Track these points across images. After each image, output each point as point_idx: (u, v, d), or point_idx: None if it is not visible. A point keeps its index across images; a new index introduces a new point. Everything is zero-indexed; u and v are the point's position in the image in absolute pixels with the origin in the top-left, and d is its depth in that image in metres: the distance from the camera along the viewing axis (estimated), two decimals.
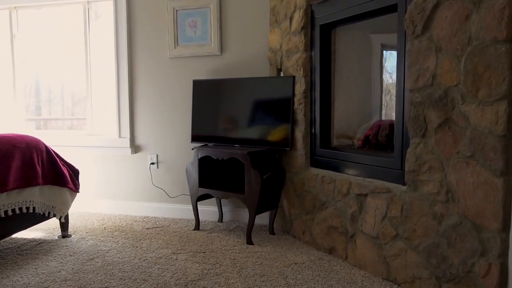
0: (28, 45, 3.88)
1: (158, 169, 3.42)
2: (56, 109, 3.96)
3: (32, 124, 3.98)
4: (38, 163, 2.67)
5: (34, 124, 3.98)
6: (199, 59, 3.24)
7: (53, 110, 3.97)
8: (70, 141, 3.59)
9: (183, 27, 3.22)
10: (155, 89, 3.37)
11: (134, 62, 3.40)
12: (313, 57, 2.65)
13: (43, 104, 3.97)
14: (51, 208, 2.76)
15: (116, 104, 3.45)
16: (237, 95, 2.95)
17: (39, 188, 2.66)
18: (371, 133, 2.48)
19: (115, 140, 3.47)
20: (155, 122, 3.39)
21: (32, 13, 3.85)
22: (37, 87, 3.96)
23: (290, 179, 2.83)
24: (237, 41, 3.16)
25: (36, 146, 2.69)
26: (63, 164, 2.89)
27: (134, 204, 3.49)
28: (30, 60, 3.89)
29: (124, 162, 3.50)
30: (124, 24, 3.36)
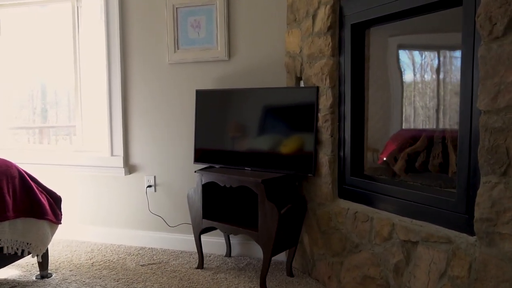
0: (12, 49, 3.43)
1: (156, 192, 2.95)
2: (47, 116, 3.50)
3: (20, 133, 3.53)
4: (8, 192, 2.21)
5: (22, 133, 3.53)
6: (203, 66, 2.76)
7: (39, 118, 3.51)
8: (55, 159, 3.13)
9: (185, 28, 2.75)
10: (152, 101, 2.90)
11: (128, 68, 2.93)
12: (342, 63, 2.16)
13: (15, 111, 3.52)
14: (25, 245, 2.29)
15: (107, 117, 2.98)
16: (248, 109, 2.46)
17: (8, 223, 2.20)
18: (410, 151, 1.98)
19: (106, 159, 3.00)
20: (153, 138, 2.92)
21: (17, 12, 3.40)
22: (23, 94, 3.51)
23: (312, 211, 2.34)
24: (248, 44, 2.68)
25: (6, 172, 2.23)
26: (41, 191, 2.42)
27: (128, 233, 3.02)
28: (15, 64, 3.45)
29: (117, 184, 3.03)
30: (116, 24, 2.89)
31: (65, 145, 3.37)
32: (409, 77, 2.11)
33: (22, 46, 3.41)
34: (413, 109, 2.09)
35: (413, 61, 2.10)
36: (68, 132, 3.44)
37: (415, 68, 2.10)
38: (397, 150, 2.08)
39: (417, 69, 2.09)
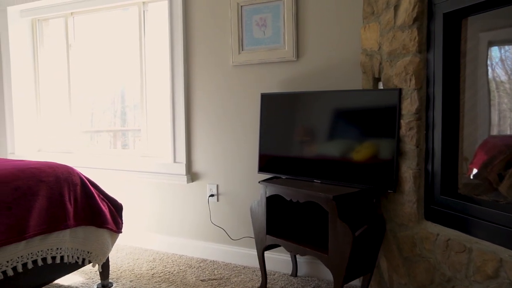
0: (83, 54, 3.50)
1: (218, 202, 2.79)
2: (107, 121, 3.52)
3: (87, 136, 3.59)
4: (69, 200, 2.16)
5: (88, 136, 3.59)
6: (269, 67, 2.55)
7: (106, 122, 3.54)
8: (122, 164, 3.11)
9: (250, 27, 2.56)
10: (215, 105, 2.75)
11: (191, 72, 2.81)
12: (430, 61, 1.82)
13: (97, 115, 3.56)
14: (85, 254, 2.24)
15: (170, 121, 2.89)
16: (318, 114, 2.20)
17: (69, 231, 2.16)
18: None
19: (169, 165, 2.91)
20: (216, 144, 2.76)
21: (87, 19, 3.46)
22: (94, 98, 3.56)
23: (392, 233, 2.02)
24: (318, 42, 2.42)
25: (67, 179, 2.19)
26: (102, 198, 2.37)
27: (190, 243, 2.89)
28: (85, 69, 3.51)
29: (180, 191, 2.92)
30: (180, 27, 2.78)
31: (132, 150, 3.35)
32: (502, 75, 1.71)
33: (93, 52, 3.46)
34: (498, 111, 1.70)
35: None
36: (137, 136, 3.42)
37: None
38: (493, 162, 1.70)
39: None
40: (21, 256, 1.92)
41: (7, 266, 1.86)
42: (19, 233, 1.90)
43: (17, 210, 1.91)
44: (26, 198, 1.96)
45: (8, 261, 1.87)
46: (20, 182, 1.96)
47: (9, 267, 1.87)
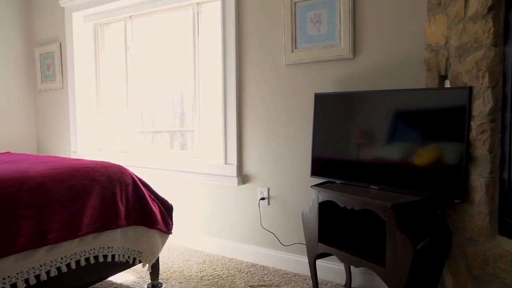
0: (141, 56, 3.58)
1: (269, 206, 2.71)
2: (166, 122, 3.57)
3: (145, 137, 3.66)
4: (121, 199, 2.19)
5: (148, 137, 3.66)
6: (324, 65, 2.43)
7: (163, 123, 3.59)
8: (176, 165, 3.13)
9: (304, 24, 2.45)
10: (267, 105, 2.67)
11: (243, 72, 2.76)
12: (508, 55, 1.60)
13: (157, 116, 3.63)
14: (136, 253, 2.25)
15: (222, 122, 2.85)
16: (378, 116, 2.04)
17: (120, 230, 2.18)
18: None
19: (220, 167, 2.87)
20: (267, 146, 2.68)
21: (144, 22, 3.53)
22: (150, 99, 3.63)
23: (459, 247, 1.81)
24: (376, 38, 2.26)
25: (120, 179, 2.21)
26: (153, 199, 2.37)
27: (241, 247, 2.83)
28: (142, 71, 3.58)
29: (230, 194, 2.88)
30: (232, 26, 2.74)
31: (186, 151, 3.37)
32: None
33: (149, 54, 3.52)
34: None
35: None
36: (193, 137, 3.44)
37: None
38: None
39: None
40: (74, 254, 1.96)
41: (61, 262, 1.91)
42: (73, 230, 1.94)
43: (71, 208, 1.95)
44: (80, 196, 2.00)
45: (62, 257, 1.91)
46: (74, 181, 2.01)
47: (63, 263, 1.91)
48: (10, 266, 1.72)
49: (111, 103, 3.84)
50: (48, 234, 1.84)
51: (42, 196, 1.86)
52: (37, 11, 4.07)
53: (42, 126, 4.17)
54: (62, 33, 3.85)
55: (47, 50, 3.97)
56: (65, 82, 3.89)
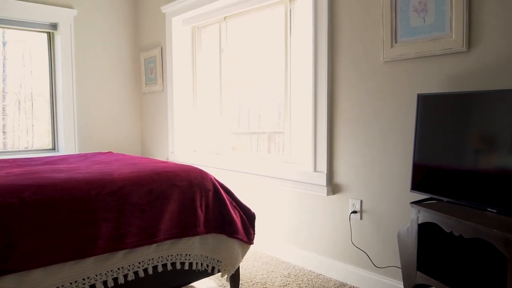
0: (234, 57, 3.53)
1: (362, 221, 2.41)
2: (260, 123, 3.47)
3: (239, 138, 3.62)
4: (200, 206, 2.12)
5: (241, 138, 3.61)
6: (429, 61, 2.06)
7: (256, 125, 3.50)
8: (262, 169, 3.00)
9: (406, 14, 2.11)
10: (362, 107, 2.38)
11: (335, 71, 2.51)
12: None
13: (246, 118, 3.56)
14: (215, 262, 2.17)
15: (312, 126, 2.64)
16: (500, 121, 1.64)
17: (199, 238, 2.11)
18: None
19: (309, 174, 2.66)
20: (362, 153, 2.39)
21: (237, 23, 3.48)
22: (243, 100, 3.57)
23: None
24: (499, 26, 1.83)
25: (200, 184, 2.14)
26: (235, 206, 2.26)
27: (328, 262, 2.59)
28: (235, 72, 3.54)
29: (319, 204, 2.65)
30: (324, 21, 2.51)
31: (275, 155, 3.22)
32: None
33: (243, 55, 3.46)
34: None
35: None
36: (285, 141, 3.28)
37: None
38: None
39: None
40: (152, 259, 1.94)
41: (139, 267, 1.89)
42: (150, 236, 1.91)
43: (150, 213, 1.93)
44: (159, 201, 1.97)
45: (139, 262, 1.90)
46: (154, 185, 1.98)
47: (140, 268, 1.90)
48: (89, 267, 1.75)
49: (206, 104, 3.88)
50: (126, 238, 1.84)
51: (122, 199, 1.86)
52: (143, 19, 4.30)
53: (146, 127, 4.40)
54: (163, 38, 4.00)
55: (151, 55, 4.17)
56: (165, 85, 4.04)
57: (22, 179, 1.80)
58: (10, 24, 3.71)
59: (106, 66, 4.22)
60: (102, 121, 4.22)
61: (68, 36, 3.94)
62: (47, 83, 4.01)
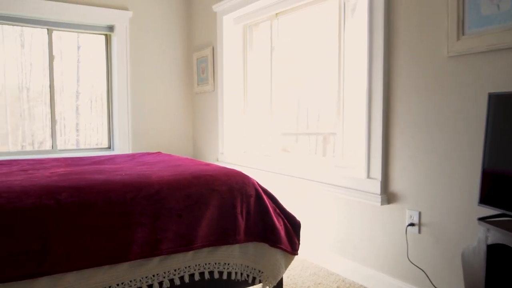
0: (285, 55, 3.39)
1: (420, 235, 2.17)
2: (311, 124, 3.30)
3: (291, 139, 3.47)
4: (241, 212, 2.00)
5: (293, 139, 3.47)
6: (504, 55, 1.78)
7: (308, 125, 3.33)
8: (311, 173, 2.82)
9: (476, 1, 1.84)
10: (422, 108, 2.13)
11: (392, 67, 2.27)
12: None
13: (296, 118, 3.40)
14: (256, 272, 2.04)
15: (365, 128, 2.42)
16: None
17: (239, 246, 1.99)
18: None
19: (361, 181, 2.45)
20: (421, 160, 2.15)
21: (289, 20, 3.33)
22: (294, 100, 3.42)
23: None
24: None
25: (241, 189, 2.02)
26: (278, 214, 2.12)
27: (380, 277, 2.36)
28: (286, 70, 3.39)
29: (371, 213, 2.43)
30: (380, 13, 2.28)
31: (326, 158, 3.03)
32: None
33: (294, 53, 3.31)
34: None
35: None
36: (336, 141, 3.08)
37: None
38: None
39: None
40: (188, 267, 1.86)
41: (174, 274, 1.82)
42: (187, 242, 1.83)
43: (187, 219, 1.85)
44: (197, 206, 1.88)
45: (175, 269, 1.82)
46: (193, 189, 1.90)
47: (176, 276, 1.82)
48: (123, 272, 1.70)
49: (257, 104, 3.77)
50: (161, 244, 1.77)
51: (159, 203, 1.79)
52: (196, 18, 4.29)
53: (198, 127, 4.40)
54: (215, 37, 3.95)
55: (202, 55, 4.14)
56: (216, 85, 3.99)
57: (62, 180, 1.80)
58: (71, 28, 3.86)
59: (159, 66, 4.26)
60: (155, 121, 4.27)
61: (123, 38, 4.02)
62: (105, 83, 4.13)
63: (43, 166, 2.40)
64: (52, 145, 3.90)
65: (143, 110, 4.19)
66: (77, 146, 4.07)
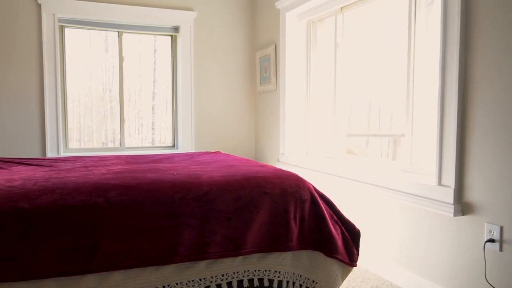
0: (350, 52, 3.19)
1: (502, 253, 1.88)
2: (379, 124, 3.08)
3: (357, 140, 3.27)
4: (294, 218, 1.88)
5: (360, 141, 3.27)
6: None
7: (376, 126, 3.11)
8: (375, 178, 2.61)
9: None
10: (506, 110, 1.84)
11: (469, 63, 2.00)
12: None
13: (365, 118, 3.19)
14: (310, 283, 1.91)
15: (437, 130, 2.17)
16: None
17: (291, 254, 1.87)
18: None
19: (431, 188, 2.20)
20: (504, 165, 1.86)
21: (355, 14, 3.13)
22: (360, 99, 3.22)
23: None
24: None
25: (295, 193, 1.90)
26: (335, 221, 1.97)
27: None
28: (352, 68, 3.20)
29: (441, 225, 2.17)
30: (457, 6, 2.02)
31: (392, 162, 2.79)
32: None
33: (360, 50, 3.11)
34: None
35: None
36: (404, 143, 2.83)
37: None
38: None
39: None
40: (237, 272, 1.77)
41: (222, 280, 1.75)
42: (235, 247, 1.75)
43: (236, 222, 1.77)
44: (247, 210, 1.80)
45: (223, 274, 1.75)
46: (243, 191, 1.81)
47: (224, 281, 1.75)
48: (170, 275, 1.66)
49: (320, 103, 3.61)
50: (209, 247, 1.71)
51: (207, 205, 1.73)
52: (259, 16, 4.23)
53: (260, 127, 4.33)
54: (277, 35, 3.86)
55: (265, 53, 4.06)
56: (278, 84, 3.89)
57: (114, 178, 1.81)
58: (139, 30, 3.99)
59: (222, 66, 4.26)
60: (218, 121, 4.27)
61: (188, 38, 4.08)
62: (169, 83, 4.23)
63: (105, 163, 2.47)
64: (120, 143, 4.07)
65: (206, 110, 4.22)
66: (152, 144, 4.27)
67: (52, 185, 1.65)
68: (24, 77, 3.58)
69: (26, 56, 3.57)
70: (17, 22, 3.54)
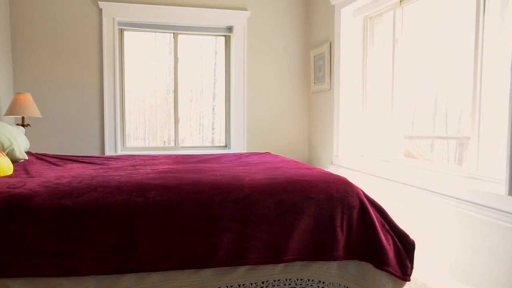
0: (410, 49, 2.98)
1: None
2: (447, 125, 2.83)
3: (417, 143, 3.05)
4: (341, 225, 1.76)
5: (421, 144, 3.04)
6: None
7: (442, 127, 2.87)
8: (434, 184, 2.39)
9: None
10: None
11: None
12: None
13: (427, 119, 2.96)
14: None
15: (508, 134, 1.93)
16: None
17: (337, 264, 1.75)
18: None
19: (500, 198, 1.96)
20: None
21: (416, 8, 2.91)
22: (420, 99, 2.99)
23: None
24: None
25: (343, 199, 1.78)
26: (387, 230, 1.81)
27: None
28: (412, 66, 2.98)
29: (505, 238, 1.92)
30: None
31: (460, 166, 2.55)
32: None
33: (421, 46, 2.88)
34: None
35: None
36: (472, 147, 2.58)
37: None
38: None
39: None
40: (278, 280, 1.69)
41: (262, 287, 1.67)
42: (276, 253, 1.67)
43: (278, 228, 1.68)
44: (290, 215, 1.70)
45: (263, 282, 1.68)
46: (285, 195, 1.72)
47: None
48: (207, 279, 1.62)
49: (377, 104, 3.42)
50: (249, 252, 1.64)
51: (248, 208, 1.67)
52: (313, 14, 4.10)
53: (313, 128, 4.20)
54: (332, 32, 3.71)
55: (319, 52, 3.93)
56: (332, 83, 3.74)
57: (157, 177, 1.80)
58: (194, 31, 4.03)
59: (275, 65, 4.19)
60: (271, 121, 4.21)
61: (241, 38, 4.05)
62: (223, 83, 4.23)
63: (153, 162, 2.49)
64: (174, 142, 4.14)
65: (259, 110, 4.17)
66: (212, 143, 4.34)
67: (95, 184, 1.67)
68: (85, 78, 3.75)
69: (87, 58, 3.75)
70: (79, 27, 3.72)
